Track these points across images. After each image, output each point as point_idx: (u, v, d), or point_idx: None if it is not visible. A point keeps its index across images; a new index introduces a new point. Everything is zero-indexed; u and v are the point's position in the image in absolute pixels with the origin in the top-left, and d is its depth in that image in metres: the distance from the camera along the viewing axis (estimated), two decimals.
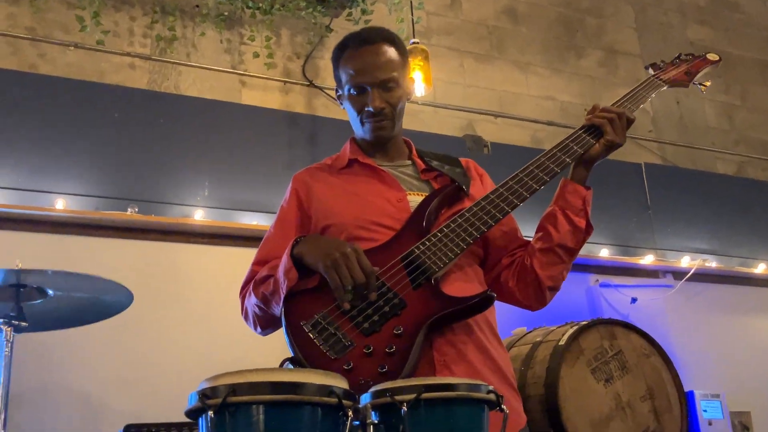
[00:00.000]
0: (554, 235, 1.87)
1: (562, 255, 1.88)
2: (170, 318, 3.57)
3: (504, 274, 1.94)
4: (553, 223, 1.88)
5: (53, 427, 3.20)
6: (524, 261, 1.91)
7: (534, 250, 1.89)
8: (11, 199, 3.44)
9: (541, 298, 1.91)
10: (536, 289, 1.90)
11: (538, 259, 1.88)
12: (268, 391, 1.18)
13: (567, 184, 1.91)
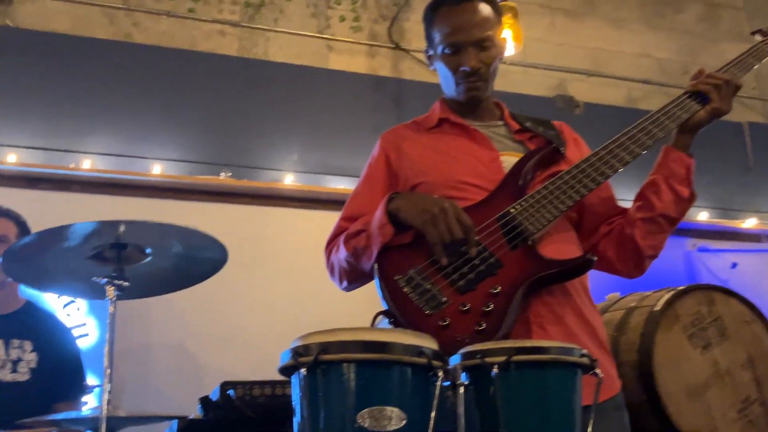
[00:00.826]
0: (657, 204, 1.82)
1: (664, 224, 1.83)
2: (262, 279, 3.66)
3: (602, 243, 1.90)
4: (656, 192, 1.82)
5: (155, 383, 3.35)
6: (624, 230, 1.86)
7: (635, 220, 1.84)
8: (111, 165, 3.58)
9: (640, 266, 1.88)
10: (636, 258, 1.86)
11: (639, 229, 1.83)
12: (359, 350, 1.19)
13: (670, 151, 1.84)
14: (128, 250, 2.02)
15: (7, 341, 2.57)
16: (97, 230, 1.95)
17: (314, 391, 1.20)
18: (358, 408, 1.16)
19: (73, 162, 3.53)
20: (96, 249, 2.02)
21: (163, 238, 2.06)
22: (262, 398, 2.46)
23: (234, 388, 2.44)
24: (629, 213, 1.87)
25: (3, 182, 3.43)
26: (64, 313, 3.31)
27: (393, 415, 1.16)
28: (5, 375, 2.51)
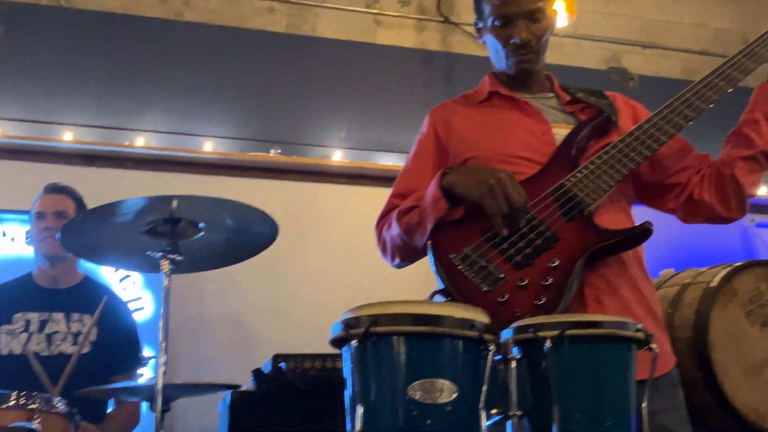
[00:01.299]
0: (757, 141, 1.78)
1: (763, 162, 1.80)
2: (313, 255, 3.70)
3: (696, 191, 1.84)
4: (756, 129, 1.78)
5: (209, 355, 3.43)
6: (721, 171, 1.81)
7: (733, 159, 1.79)
8: (164, 142, 3.64)
9: (743, 206, 1.83)
10: (738, 197, 1.81)
11: (739, 168, 1.78)
12: (409, 322, 1.19)
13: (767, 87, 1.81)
14: (181, 225, 2.05)
15: (68, 315, 2.64)
16: (151, 205, 1.99)
17: (365, 363, 1.20)
18: (408, 380, 1.16)
19: (127, 140, 3.60)
20: (150, 224, 2.05)
21: (215, 213, 2.09)
22: (313, 371, 2.49)
23: (285, 360, 2.49)
24: (724, 154, 1.83)
25: (60, 160, 3.52)
26: (120, 287, 3.39)
27: (444, 387, 1.16)
28: (67, 347, 2.58)
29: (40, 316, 2.62)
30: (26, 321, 2.60)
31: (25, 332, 2.58)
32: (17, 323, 2.59)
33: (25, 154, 3.48)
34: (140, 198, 1.96)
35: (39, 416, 1.65)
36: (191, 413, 3.26)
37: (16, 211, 3.36)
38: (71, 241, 2.18)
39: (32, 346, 2.56)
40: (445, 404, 1.16)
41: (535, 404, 1.26)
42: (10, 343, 2.56)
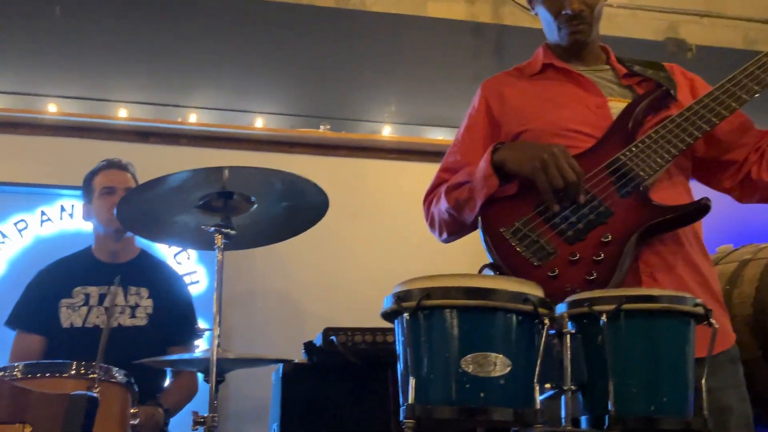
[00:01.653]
0: None
1: None
2: (362, 230, 3.71)
3: (754, 170, 1.79)
4: None
5: (261, 328, 3.48)
6: None
7: None
8: (216, 119, 3.68)
9: None
10: None
11: None
12: (462, 296, 1.18)
13: None
14: (234, 199, 2.08)
15: (126, 288, 2.70)
16: (202, 178, 2.01)
17: (416, 336, 1.20)
18: (461, 353, 1.16)
19: (180, 116, 3.65)
20: (203, 198, 2.08)
21: (266, 185, 2.10)
22: (364, 345, 2.51)
23: (336, 334, 2.51)
24: None
25: (116, 137, 3.58)
26: (174, 261, 3.46)
27: (497, 361, 1.15)
28: (125, 320, 2.65)
29: (99, 290, 2.68)
30: (86, 295, 2.67)
31: (85, 306, 2.65)
32: (77, 297, 2.66)
33: (82, 131, 3.55)
34: (192, 170, 1.99)
35: (98, 385, 1.69)
36: (245, 384, 3.32)
37: (74, 187, 3.44)
38: (127, 218, 2.22)
39: (92, 320, 2.63)
40: (498, 378, 1.15)
41: (590, 379, 1.25)
42: (71, 317, 2.63)
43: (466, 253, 3.02)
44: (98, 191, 2.75)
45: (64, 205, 3.47)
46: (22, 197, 3.44)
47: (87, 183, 2.82)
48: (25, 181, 3.44)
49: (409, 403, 1.16)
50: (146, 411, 2.38)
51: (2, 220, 3.39)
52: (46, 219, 3.44)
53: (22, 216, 3.41)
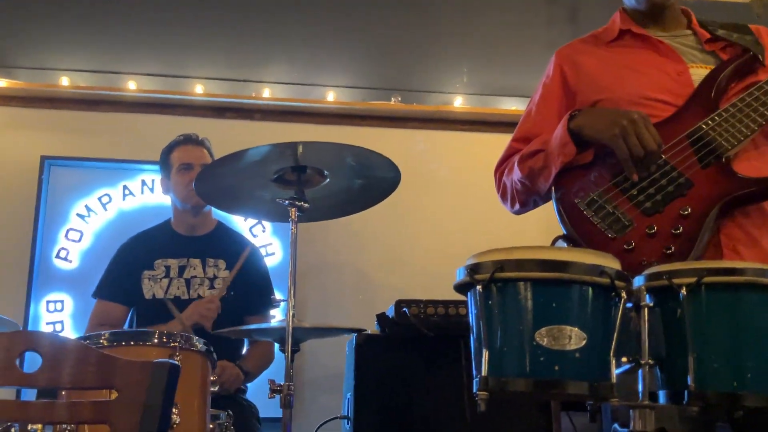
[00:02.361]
0: None
1: None
2: (433, 203, 3.71)
3: None
4: None
5: (334, 299, 3.53)
6: None
7: None
8: (289, 93, 3.72)
9: None
10: None
11: None
12: (536, 268, 1.17)
13: None
14: (308, 173, 2.10)
15: (204, 260, 2.78)
16: (277, 153, 2.04)
17: (490, 309, 1.19)
18: (535, 326, 1.15)
19: (254, 91, 3.70)
20: (278, 172, 2.12)
21: (339, 159, 2.12)
22: (436, 317, 2.52)
23: (408, 306, 2.52)
24: None
25: (192, 112, 3.67)
26: (250, 234, 3.54)
27: (572, 334, 1.14)
28: (204, 291, 2.73)
29: (179, 262, 2.76)
30: (166, 267, 2.76)
31: (166, 278, 2.74)
32: (158, 269, 2.75)
33: (160, 108, 3.65)
34: (267, 145, 2.02)
35: (179, 354, 1.75)
36: (320, 354, 3.39)
37: (154, 162, 3.54)
38: (205, 191, 2.28)
39: (173, 291, 2.72)
40: (573, 351, 1.14)
41: (669, 354, 1.22)
42: (152, 288, 2.73)
43: (539, 226, 2.98)
44: (176, 167, 2.81)
45: (145, 180, 3.59)
46: (105, 172, 3.57)
47: (164, 158, 2.89)
48: (108, 157, 3.57)
49: (483, 375, 1.16)
50: (226, 366, 2.46)
51: (87, 195, 3.53)
52: (128, 193, 3.56)
53: (105, 191, 3.55)
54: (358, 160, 2.13)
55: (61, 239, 3.46)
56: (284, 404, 1.96)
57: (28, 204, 3.44)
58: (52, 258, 3.43)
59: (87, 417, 1.26)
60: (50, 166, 3.52)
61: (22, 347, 1.20)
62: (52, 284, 3.40)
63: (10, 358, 1.19)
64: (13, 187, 3.47)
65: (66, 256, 3.44)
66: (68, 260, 3.44)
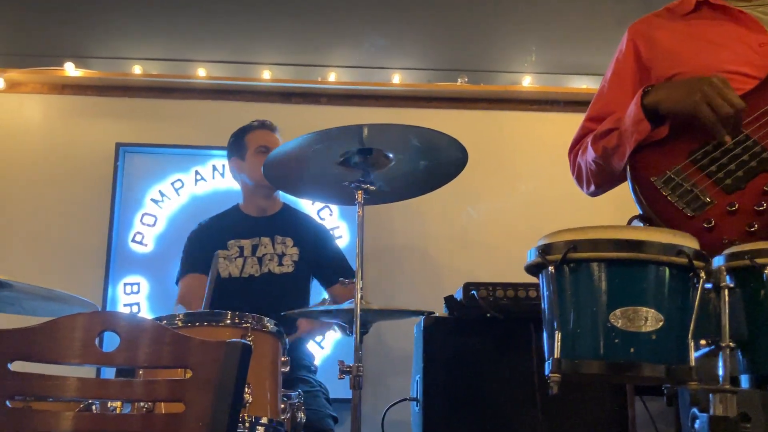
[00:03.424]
0: None
1: None
2: (503, 184, 3.67)
3: None
4: None
5: (401, 282, 3.54)
6: None
7: None
8: (354, 77, 3.72)
9: None
10: None
11: None
12: (610, 248, 1.14)
13: None
14: (374, 155, 2.10)
15: (273, 238, 2.85)
16: (343, 135, 2.04)
17: (562, 290, 1.17)
18: (610, 308, 1.12)
19: (320, 76, 3.72)
20: (344, 155, 2.12)
21: (404, 141, 2.11)
22: (506, 300, 2.49)
23: (477, 288, 2.50)
24: None
25: (260, 98, 3.72)
26: (318, 217, 3.57)
27: (648, 316, 1.11)
28: (274, 267, 2.81)
29: (252, 241, 2.85)
30: (240, 247, 2.84)
31: (240, 257, 2.82)
32: (232, 249, 2.84)
33: (229, 94, 3.71)
34: (333, 128, 2.02)
35: (251, 334, 1.79)
36: (388, 336, 3.40)
37: (221, 147, 3.61)
38: (273, 175, 2.30)
39: (248, 269, 2.79)
40: (650, 333, 1.11)
41: (751, 336, 1.18)
42: (228, 267, 2.80)
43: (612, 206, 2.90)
44: (253, 149, 2.88)
45: (215, 165, 3.66)
46: (177, 158, 3.66)
47: (238, 140, 2.94)
48: (180, 143, 3.65)
49: (555, 357, 1.14)
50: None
51: (160, 180, 3.62)
52: (199, 178, 3.64)
53: (178, 176, 3.63)
54: (423, 141, 2.12)
55: (136, 224, 3.56)
56: (354, 385, 1.98)
57: (105, 190, 3.55)
58: (128, 242, 3.54)
59: (163, 395, 1.30)
60: (125, 153, 3.63)
61: (100, 327, 1.24)
62: (129, 267, 3.52)
63: (89, 337, 1.23)
64: (91, 174, 3.59)
65: (141, 240, 3.55)
66: (143, 244, 3.55)
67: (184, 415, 1.21)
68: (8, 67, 3.58)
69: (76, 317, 1.25)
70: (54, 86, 3.67)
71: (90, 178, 3.59)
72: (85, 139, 3.65)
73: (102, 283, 3.44)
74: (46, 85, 3.67)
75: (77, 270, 3.46)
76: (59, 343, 1.22)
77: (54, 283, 2.24)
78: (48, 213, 3.55)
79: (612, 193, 1.90)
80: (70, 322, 1.24)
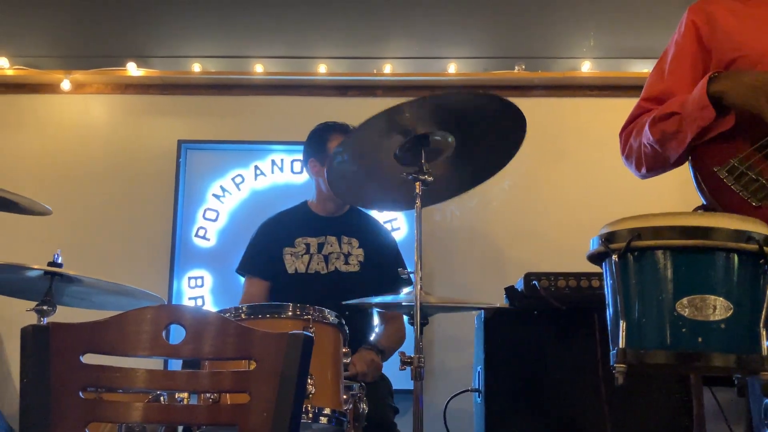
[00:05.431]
0: None
1: None
2: (563, 171, 3.62)
3: None
4: None
5: (461, 272, 3.52)
6: None
7: None
8: (409, 68, 3.71)
9: None
10: None
11: None
12: (676, 235, 1.11)
13: None
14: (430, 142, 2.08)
15: (339, 238, 2.89)
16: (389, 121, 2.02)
17: (626, 279, 1.15)
18: (676, 296, 1.09)
19: (375, 68, 3.72)
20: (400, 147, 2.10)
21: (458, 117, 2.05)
22: (568, 290, 2.46)
23: (538, 279, 2.47)
24: None
25: (317, 92, 3.74)
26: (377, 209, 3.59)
27: (717, 304, 1.08)
28: (340, 265, 2.84)
29: (318, 239, 2.89)
30: (306, 244, 2.88)
31: (306, 254, 2.87)
32: (299, 246, 2.88)
33: (286, 89, 3.75)
34: (375, 116, 2.00)
35: (312, 326, 1.81)
36: (449, 327, 3.39)
37: (282, 142, 3.66)
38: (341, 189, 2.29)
39: (313, 266, 2.83)
40: (719, 322, 1.08)
41: None
42: (294, 263, 2.85)
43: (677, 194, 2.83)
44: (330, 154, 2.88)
45: (274, 159, 3.70)
46: (237, 154, 3.72)
47: (320, 144, 2.92)
48: (239, 139, 3.71)
49: (620, 347, 1.12)
50: (365, 357, 2.51)
51: (222, 176, 3.68)
52: (259, 173, 3.69)
53: (238, 171, 3.69)
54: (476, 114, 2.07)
55: (199, 219, 3.64)
56: (415, 376, 1.98)
57: (168, 186, 3.64)
58: (191, 237, 3.62)
59: (228, 386, 1.32)
60: (186, 149, 3.71)
61: (167, 320, 1.27)
62: (193, 261, 3.59)
63: (157, 330, 1.26)
64: (154, 171, 3.68)
65: (204, 235, 3.62)
66: (206, 238, 3.62)
67: (249, 406, 1.23)
68: (73, 69, 3.69)
69: (143, 311, 1.28)
70: (117, 86, 3.77)
71: (154, 175, 3.68)
72: (148, 137, 3.74)
73: (167, 277, 3.53)
74: (110, 86, 3.77)
75: (144, 265, 3.56)
76: (128, 336, 1.26)
77: (122, 277, 2.31)
78: (114, 210, 3.65)
79: (677, 181, 1.86)
80: (138, 316, 1.27)
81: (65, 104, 3.78)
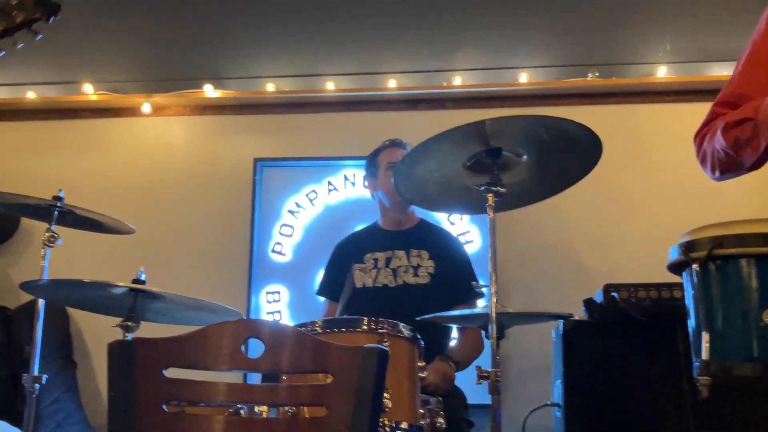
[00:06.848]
0: None
1: None
2: (640, 179, 3.53)
3: None
4: None
5: (537, 284, 3.47)
6: None
7: None
8: (480, 79, 3.70)
9: None
10: None
11: None
12: (761, 243, 1.07)
13: None
14: (502, 156, 2.07)
15: (408, 251, 2.89)
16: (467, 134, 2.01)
17: (708, 288, 1.11)
18: (762, 306, 1.05)
19: (445, 81, 3.72)
20: (471, 159, 2.09)
21: (531, 136, 2.03)
22: (648, 301, 2.39)
23: (618, 290, 2.41)
24: None
25: (387, 107, 3.78)
26: (448, 222, 3.57)
27: None
28: (409, 278, 2.84)
29: (386, 254, 2.91)
30: (374, 260, 2.92)
31: (374, 269, 2.89)
32: (367, 262, 2.92)
33: (357, 105, 3.80)
34: (455, 128, 2.00)
35: (387, 340, 1.81)
36: (526, 341, 3.35)
37: (354, 157, 3.69)
38: (404, 186, 2.30)
39: (381, 279, 2.84)
40: None
41: None
42: (362, 278, 2.87)
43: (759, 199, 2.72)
44: (384, 166, 2.96)
45: (347, 175, 3.75)
46: (311, 170, 3.78)
47: (372, 161, 3.04)
48: (313, 155, 3.77)
49: (704, 359, 1.08)
50: (438, 368, 2.50)
51: (296, 192, 3.75)
52: (332, 188, 3.74)
53: (312, 187, 3.75)
54: (551, 133, 2.04)
55: (275, 234, 3.71)
56: (492, 390, 1.96)
57: (245, 203, 3.72)
58: (268, 252, 3.69)
59: (306, 399, 1.34)
60: (262, 167, 3.79)
61: (246, 335, 1.30)
62: (270, 276, 3.66)
63: (236, 344, 1.29)
64: (232, 189, 3.78)
65: (280, 250, 3.69)
66: (282, 254, 3.69)
67: (327, 419, 1.24)
68: (153, 92, 3.84)
69: (223, 326, 1.31)
70: (195, 108, 3.90)
71: (231, 193, 3.77)
72: (225, 156, 3.84)
73: (246, 292, 3.61)
74: (188, 108, 3.90)
75: (223, 280, 3.65)
76: (209, 350, 1.29)
77: (202, 293, 2.37)
78: (194, 228, 3.76)
79: (759, 185, 1.79)
80: (218, 331, 1.30)
81: (146, 127, 3.92)
